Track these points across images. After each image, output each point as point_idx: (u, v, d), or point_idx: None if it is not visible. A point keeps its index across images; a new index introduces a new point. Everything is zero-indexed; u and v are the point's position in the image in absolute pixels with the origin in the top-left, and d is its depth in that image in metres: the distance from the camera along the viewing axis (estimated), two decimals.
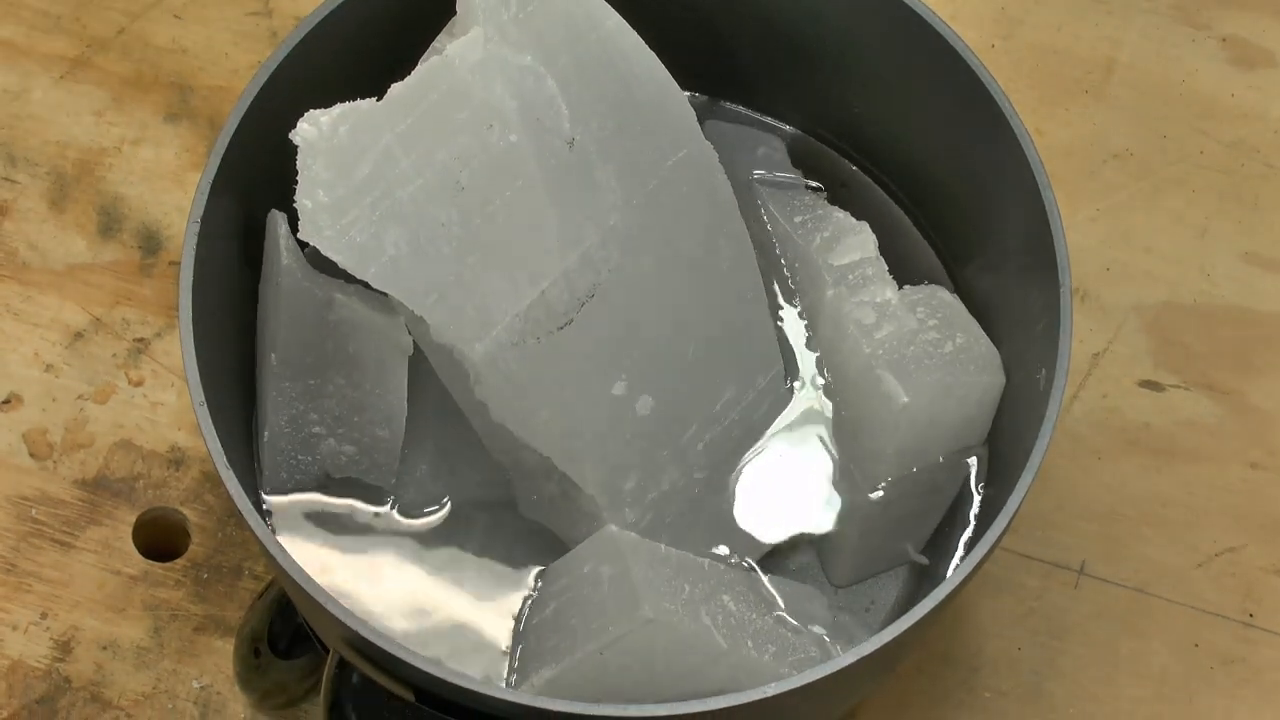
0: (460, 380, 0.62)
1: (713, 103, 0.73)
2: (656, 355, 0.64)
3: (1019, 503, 0.60)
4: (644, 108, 0.63)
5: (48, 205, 0.80)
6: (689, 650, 0.60)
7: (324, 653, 0.63)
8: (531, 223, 0.61)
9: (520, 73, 0.61)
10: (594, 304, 0.62)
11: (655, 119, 0.63)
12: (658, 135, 0.63)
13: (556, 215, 0.61)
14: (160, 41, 0.84)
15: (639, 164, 0.63)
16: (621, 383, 0.64)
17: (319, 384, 0.65)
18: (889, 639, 0.58)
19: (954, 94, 0.67)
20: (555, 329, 0.62)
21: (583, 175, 0.62)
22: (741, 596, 0.63)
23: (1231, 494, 0.77)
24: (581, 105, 0.62)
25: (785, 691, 0.57)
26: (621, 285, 0.63)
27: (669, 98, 0.64)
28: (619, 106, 0.63)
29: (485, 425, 0.63)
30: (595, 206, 0.62)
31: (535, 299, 0.61)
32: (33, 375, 0.78)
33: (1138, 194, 0.82)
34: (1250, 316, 0.80)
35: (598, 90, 0.62)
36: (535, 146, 0.61)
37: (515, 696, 0.58)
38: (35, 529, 0.75)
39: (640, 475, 0.64)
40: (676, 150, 0.64)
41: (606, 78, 0.62)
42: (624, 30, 0.63)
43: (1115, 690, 0.74)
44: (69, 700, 0.73)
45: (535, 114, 0.61)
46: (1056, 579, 0.76)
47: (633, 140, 0.63)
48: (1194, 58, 0.85)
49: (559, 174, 0.61)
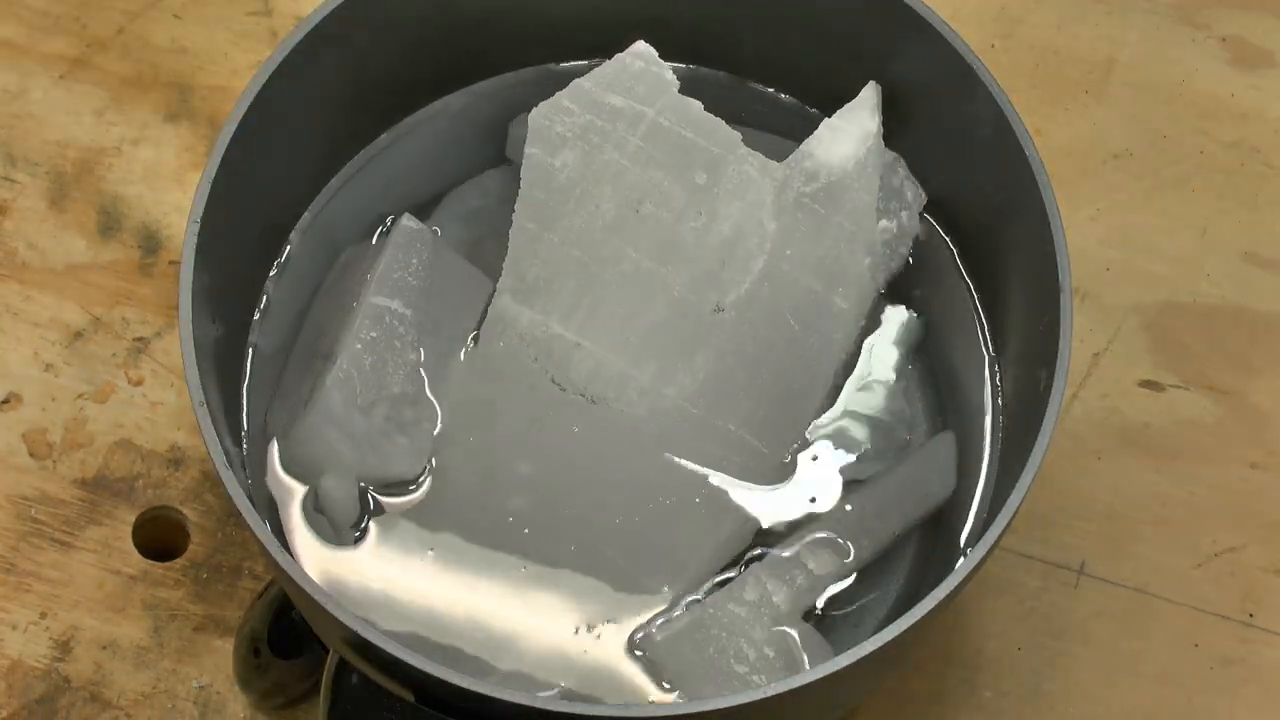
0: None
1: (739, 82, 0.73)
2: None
3: (1019, 503, 0.60)
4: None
5: (47, 205, 0.80)
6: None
7: (324, 653, 0.63)
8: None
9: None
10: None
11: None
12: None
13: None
14: (160, 41, 0.84)
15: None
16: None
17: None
18: (889, 639, 0.58)
19: (954, 94, 0.67)
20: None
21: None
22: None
23: (1231, 494, 0.77)
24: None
25: (785, 691, 0.57)
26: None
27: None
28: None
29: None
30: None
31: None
32: (32, 375, 0.78)
33: (1138, 194, 0.82)
34: (1250, 316, 0.80)
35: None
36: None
37: (515, 696, 0.58)
38: (35, 529, 0.75)
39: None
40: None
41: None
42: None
43: (1115, 690, 0.74)
44: (69, 700, 0.73)
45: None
46: (1056, 579, 0.76)
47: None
48: (1194, 58, 0.85)
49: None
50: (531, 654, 0.64)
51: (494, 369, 0.67)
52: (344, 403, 0.65)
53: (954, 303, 0.70)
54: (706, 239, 0.67)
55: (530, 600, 0.65)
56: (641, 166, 0.67)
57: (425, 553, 0.66)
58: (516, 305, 0.67)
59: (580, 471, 0.66)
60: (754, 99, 0.73)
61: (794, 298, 0.67)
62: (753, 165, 0.68)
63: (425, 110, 0.72)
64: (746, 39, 0.72)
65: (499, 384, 0.67)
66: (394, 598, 0.65)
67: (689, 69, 0.72)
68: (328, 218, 0.70)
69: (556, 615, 0.65)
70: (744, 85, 0.73)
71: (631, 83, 0.68)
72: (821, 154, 0.68)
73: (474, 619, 0.65)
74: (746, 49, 0.72)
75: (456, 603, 0.65)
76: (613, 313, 0.67)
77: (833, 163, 0.68)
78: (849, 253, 0.67)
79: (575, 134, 0.67)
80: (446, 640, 0.64)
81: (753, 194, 0.67)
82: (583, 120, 0.67)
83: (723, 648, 0.64)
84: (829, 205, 0.67)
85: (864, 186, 0.67)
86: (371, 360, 0.66)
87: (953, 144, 0.68)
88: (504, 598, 0.65)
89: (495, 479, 0.66)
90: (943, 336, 0.70)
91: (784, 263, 0.67)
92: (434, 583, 0.65)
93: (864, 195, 0.67)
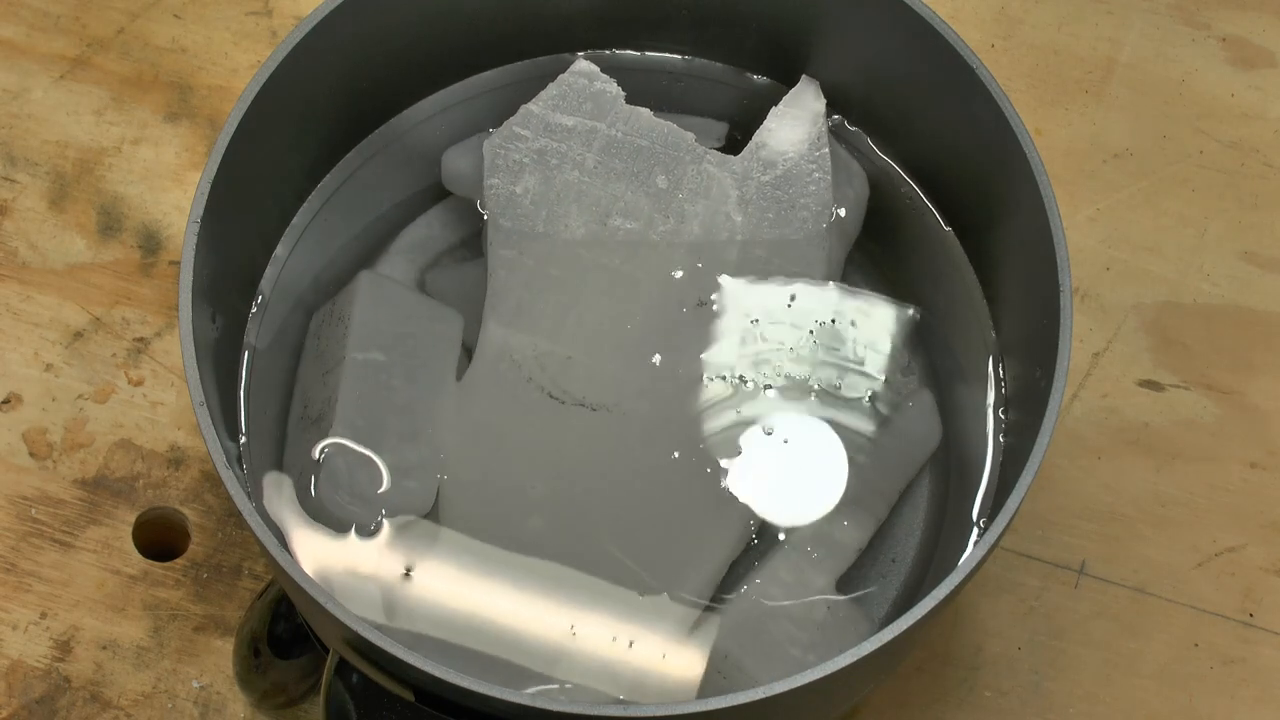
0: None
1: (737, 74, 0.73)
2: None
3: (1019, 503, 0.60)
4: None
5: (47, 205, 0.80)
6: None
7: (324, 653, 0.63)
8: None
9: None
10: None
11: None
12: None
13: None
14: (160, 41, 0.84)
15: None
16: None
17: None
18: (889, 639, 0.58)
19: (954, 94, 0.67)
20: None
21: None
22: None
23: (1231, 494, 0.77)
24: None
25: (785, 691, 0.57)
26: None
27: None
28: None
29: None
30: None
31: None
32: (32, 375, 0.78)
33: (1137, 194, 0.82)
34: (1249, 316, 0.80)
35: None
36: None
37: (515, 697, 0.58)
38: (35, 528, 0.75)
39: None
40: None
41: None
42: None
43: (1115, 690, 0.74)
44: (68, 700, 0.73)
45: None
46: (1056, 579, 0.76)
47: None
48: (1194, 58, 0.85)
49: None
50: (563, 662, 0.64)
51: (490, 394, 0.67)
52: (347, 467, 0.65)
53: (955, 301, 0.70)
54: (678, 240, 0.68)
55: (549, 607, 0.65)
56: (603, 180, 0.68)
57: (439, 567, 0.65)
58: (504, 330, 0.67)
59: (590, 478, 0.66)
60: (752, 91, 0.73)
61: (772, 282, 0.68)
62: (711, 162, 0.69)
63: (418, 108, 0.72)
64: (746, 33, 0.72)
65: (498, 407, 0.67)
66: (394, 596, 0.65)
67: (687, 60, 0.73)
68: (327, 216, 0.70)
69: (577, 621, 0.65)
70: (741, 76, 0.73)
71: (579, 101, 0.69)
72: (774, 142, 0.69)
73: (475, 617, 0.65)
74: (745, 42, 0.72)
75: (474, 613, 0.65)
76: (599, 323, 0.68)
77: (786, 149, 0.69)
78: (815, 232, 0.69)
79: (532, 159, 0.68)
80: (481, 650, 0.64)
81: (715, 190, 0.69)
82: (537, 144, 0.69)
83: (776, 632, 0.64)
84: (790, 189, 0.69)
85: (819, 165, 0.69)
86: (365, 418, 0.65)
87: (953, 144, 0.68)
88: (525, 606, 0.65)
89: (506, 497, 0.66)
90: (944, 334, 0.70)
91: (757, 249, 0.68)
92: (446, 594, 0.65)
93: (820, 174, 0.69)
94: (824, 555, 0.66)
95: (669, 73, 0.73)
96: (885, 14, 0.67)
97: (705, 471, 0.67)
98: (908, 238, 0.72)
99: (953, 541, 0.67)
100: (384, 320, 0.67)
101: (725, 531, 0.66)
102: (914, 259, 0.71)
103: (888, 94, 0.70)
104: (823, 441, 0.68)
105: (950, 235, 0.71)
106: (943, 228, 0.71)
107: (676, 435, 0.67)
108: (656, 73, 0.73)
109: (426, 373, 0.67)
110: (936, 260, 0.71)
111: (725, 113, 0.72)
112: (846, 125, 0.72)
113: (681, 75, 0.73)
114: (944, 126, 0.69)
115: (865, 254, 0.71)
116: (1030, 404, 0.64)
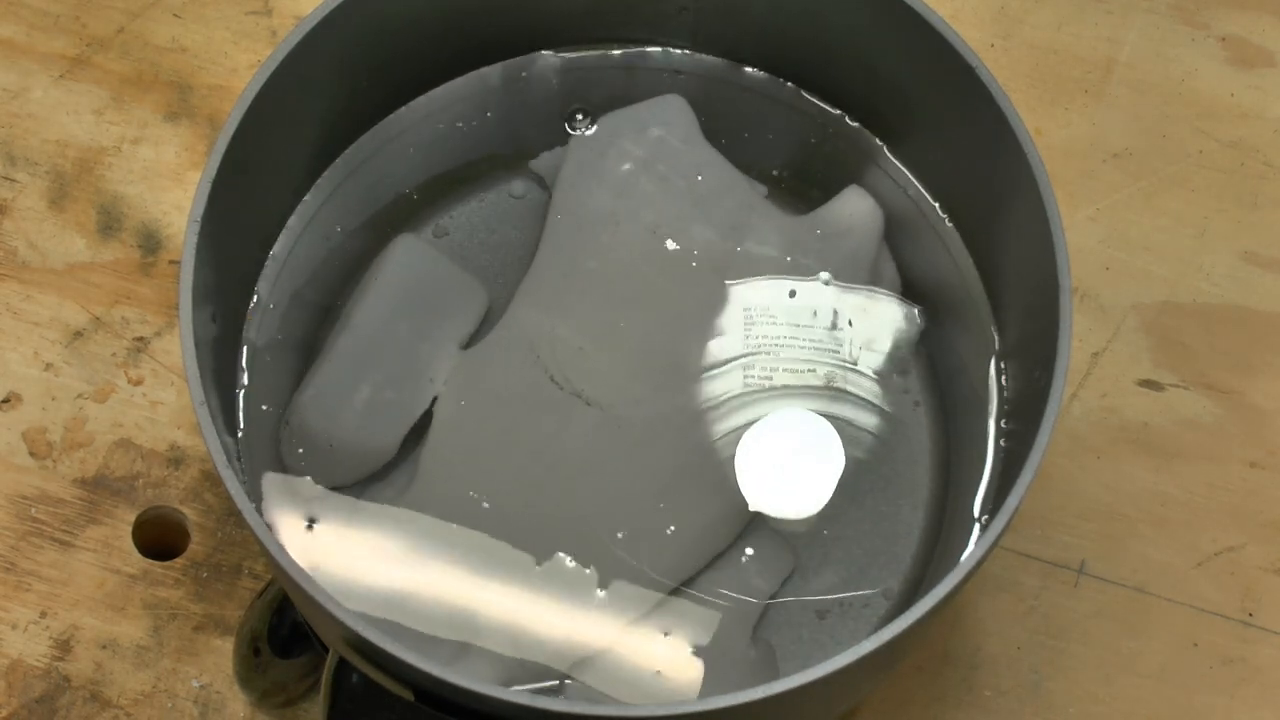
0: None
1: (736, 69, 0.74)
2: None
3: (1019, 502, 0.60)
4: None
5: (47, 204, 0.80)
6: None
7: (324, 652, 0.63)
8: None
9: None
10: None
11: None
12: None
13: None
14: (160, 40, 0.84)
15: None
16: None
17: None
18: (889, 639, 0.58)
19: (954, 93, 0.67)
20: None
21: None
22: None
23: (1231, 494, 0.77)
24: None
25: (785, 691, 0.57)
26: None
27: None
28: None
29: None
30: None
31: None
32: (32, 374, 0.78)
33: (1137, 194, 0.82)
34: (1249, 316, 0.80)
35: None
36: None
37: (515, 697, 0.58)
38: (35, 528, 0.75)
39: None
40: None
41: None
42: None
43: (1115, 690, 0.74)
44: (68, 699, 0.73)
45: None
46: (1056, 578, 0.76)
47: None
48: (1193, 57, 0.85)
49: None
50: (532, 643, 0.65)
51: (495, 360, 0.68)
52: (349, 370, 0.67)
53: (955, 300, 0.70)
54: (716, 270, 0.69)
55: (521, 587, 0.65)
56: (665, 199, 0.70)
57: (414, 538, 0.66)
58: (528, 306, 0.69)
59: (574, 463, 0.67)
60: (753, 85, 0.73)
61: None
62: (772, 219, 0.70)
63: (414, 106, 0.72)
64: (747, 31, 0.72)
65: (498, 374, 0.68)
66: (394, 596, 0.65)
67: (688, 55, 0.73)
68: (325, 214, 0.71)
69: (550, 602, 0.65)
70: (739, 71, 0.73)
71: (669, 120, 0.71)
72: (833, 218, 0.71)
73: (464, 606, 0.65)
74: (747, 39, 0.72)
75: (444, 589, 0.65)
76: (620, 325, 0.69)
77: (845, 226, 0.71)
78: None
79: (608, 164, 0.70)
80: (446, 639, 0.65)
81: (770, 241, 0.70)
82: (620, 148, 0.71)
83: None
84: (835, 256, 0.70)
85: (867, 244, 0.71)
86: (363, 349, 0.68)
87: (953, 144, 0.68)
88: (493, 584, 0.65)
89: (492, 465, 0.67)
90: (944, 334, 0.70)
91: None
92: (423, 568, 0.65)
93: (868, 248, 0.71)
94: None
95: (670, 71, 0.73)
96: (885, 14, 0.67)
97: (698, 471, 0.67)
98: (908, 236, 0.72)
99: (953, 541, 0.67)
100: (411, 280, 0.69)
101: (712, 523, 0.66)
102: (914, 258, 0.71)
103: (888, 93, 0.70)
104: (819, 436, 0.68)
105: (951, 233, 0.71)
106: (944, 226, 0.71)
107: (666, 437, 0.67)
108: (657, 70, 0.73)
109: (438, 332, 0.68)
110: (937, 259, 0.72)
111: (725, 112, 0.73)
112: (847, 121, 0.72)
113: (682, 72, 0.73)
114: (944, 126, 0.69)
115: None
116: (1030, 404, 0.64)
